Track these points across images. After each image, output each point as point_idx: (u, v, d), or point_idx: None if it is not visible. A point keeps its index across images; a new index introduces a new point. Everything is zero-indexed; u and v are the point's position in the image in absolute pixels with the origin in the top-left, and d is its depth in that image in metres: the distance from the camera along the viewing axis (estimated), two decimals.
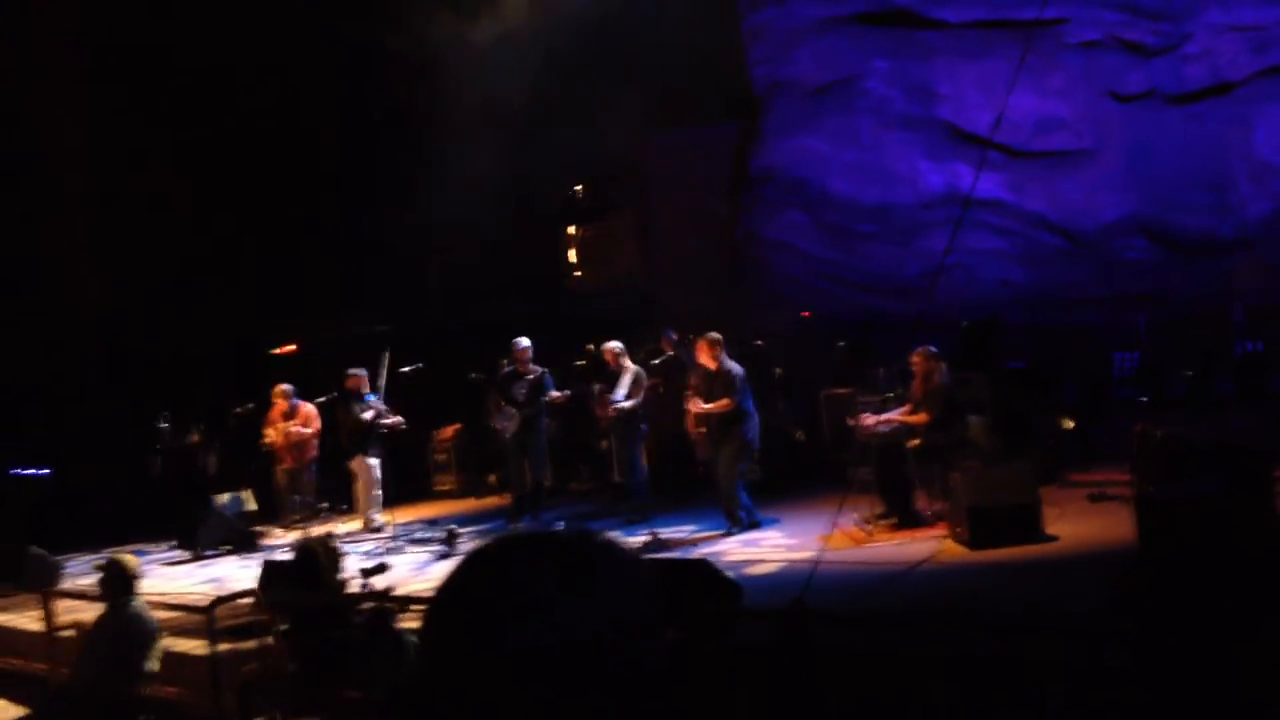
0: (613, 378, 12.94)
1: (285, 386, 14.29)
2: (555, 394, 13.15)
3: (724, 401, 11.22)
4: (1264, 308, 14.51)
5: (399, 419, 13.51)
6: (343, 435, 13.92)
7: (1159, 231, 16.38)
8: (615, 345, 13.02)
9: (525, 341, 13.51)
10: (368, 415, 13.51)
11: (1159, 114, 16.46)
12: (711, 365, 11.37)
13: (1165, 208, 16.30)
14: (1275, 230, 15.71)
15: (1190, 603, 6.48)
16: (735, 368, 11.41)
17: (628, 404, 12.63)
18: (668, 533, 11.57)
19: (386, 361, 13.24)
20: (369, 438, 13.65)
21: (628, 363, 12.94)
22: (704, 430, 11.56)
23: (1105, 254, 16.51)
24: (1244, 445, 8.15)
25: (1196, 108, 16.32)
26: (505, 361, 13.73)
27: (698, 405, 11.36)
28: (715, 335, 11.54)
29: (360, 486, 13.96)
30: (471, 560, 1.41)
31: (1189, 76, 16.47)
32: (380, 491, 13.87)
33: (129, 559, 7.92)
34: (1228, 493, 7.23)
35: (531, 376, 13.22)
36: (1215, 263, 15.82)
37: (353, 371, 13.88)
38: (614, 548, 1.43)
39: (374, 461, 13.77)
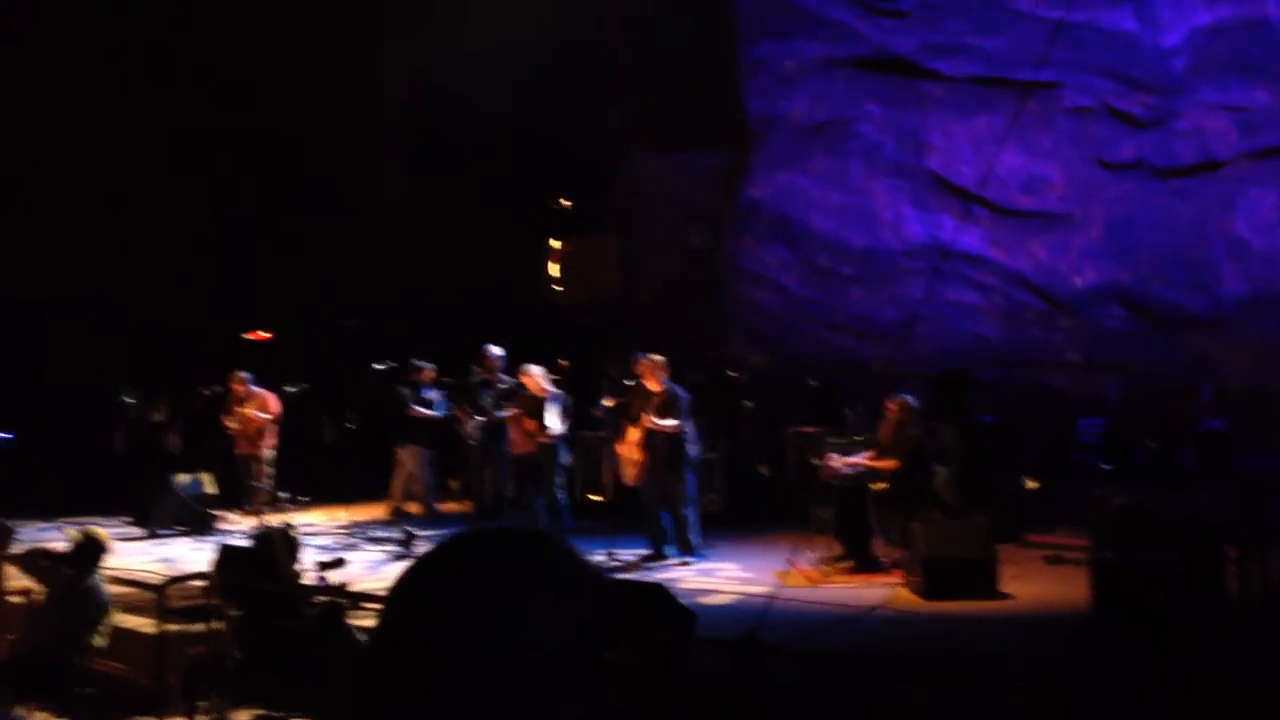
0: (534, 403, 12.64)
1: (243, 374, 14.31)
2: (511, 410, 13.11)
3: (673, 423, 11.21)
4: (1232, 387, 14.69)
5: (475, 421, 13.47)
6: (394, 422, 14.24)
7: (1136, 302, 16.55)
8: (535, 370, 12.65)
9: (497, 351, 13.51)
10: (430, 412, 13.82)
11: (1145, 185, 16.65)
12: (656, 387, 11.37)
13: (1144, 279, 16.46)
14: (1249, 311, 15.89)
15: (1138, 666, 6.56)
16: (680, 391, 11.42)
17: (560, 429, 12.55)
18: (624, 554, 11.58)
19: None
20: (425, 429, 13.91)
21: (550, 387, 12.79)
22: (642, 454, 11.44)
23: (1081, 319, 16.66)
24: (1201, 520, 8.26)
25: (1182, 183, 16.51)
26: (476, 369, 13.71)
27: (650, 421, 11.25)
28: (658, 357, 11.53)
29: (405, 475, 14.14)
30: (434, 555, 1.41)
31: (1177, 151, 16.66)
32: (431, 481, 14.24)
33: (101, 532, 7.88)
34: (1183, 564, 7.32)
35: (502, 386, 13.21)
36: (1188, 338, 15.99)
37: (419, 364, 14.18)
38: (573, 552, 1.44)
39: (427, 453, 14.08)
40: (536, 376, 12.63)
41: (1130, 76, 16.69)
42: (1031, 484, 12.31)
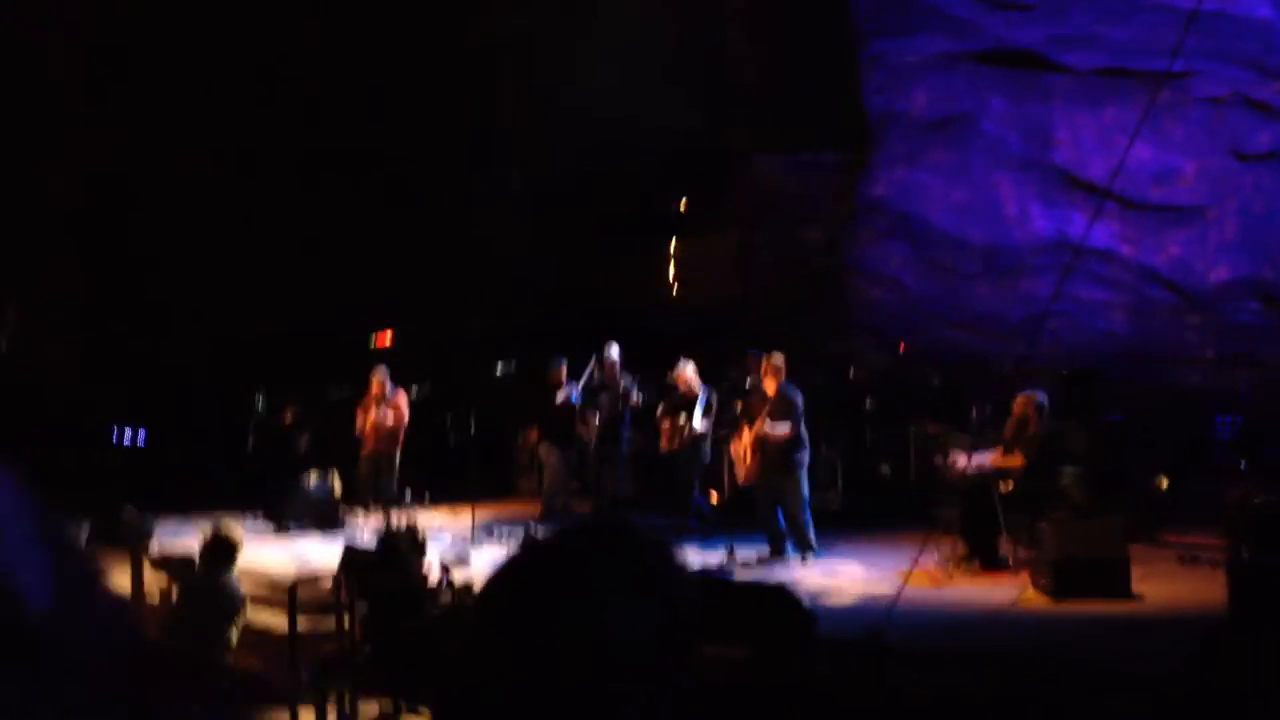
0: (683, 401, 12.76)
1: (382, 371, 14.51)
2: (635, 402, 13.20)
3: (785, 428, 11.13)
4: None
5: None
6: (539, 421, 14.38)
7: (1273, 295, 16.03)
8: (688, 369, 12.79)
9: (615, 351, 13.55)
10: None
11: None
12: (770, 390, 11.29)
13: (1279, 271, 15.96)
14: None
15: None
16: (795, 394, 11.33)
17: (703, 428, 12.56)
18: (743, 554, 11.56)
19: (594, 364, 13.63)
20: (565, 429, 13.95)
21: (700, 387, 12.79)
22: (755, 455, 11.38)
23: (1215, 314, 16.19)
24: None
25: None
26: (594, 371, 13.82)
27: (762, 428, 11.17)
28: (779, 357, 11.44)
29: (548, 474, 14.22)
30: (535, 549, 1.44)
31: None
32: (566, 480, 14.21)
33: (236, 530, 8.08)
34: None
35: (620, 388, 13.30)
36: None
37: (556, 363, 14.26)
38: (672, 554, 1.45)
39: (560, 451, 14.07)
40: (689, 374, 12.69)
41: (1266, 65, 16.17)
42: (1164, 482, 12.00)
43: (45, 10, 18.72)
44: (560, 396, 14.08)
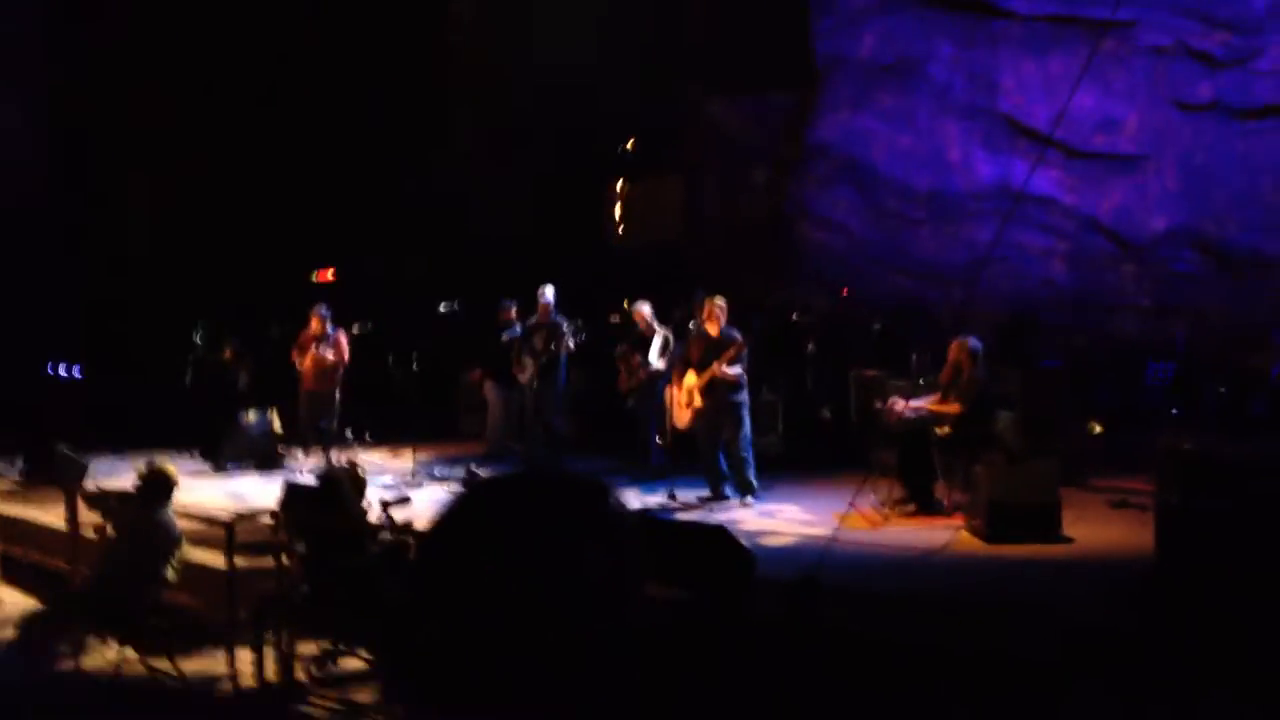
0: (640, 340, 12.88)
1: (322, 309, 14.25)
2: (568, 343, 13.29)
3: (737, 370, 11.17)
4: None
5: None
6: (484, 361, 14.61)
7: (1211, 246, 16.22)
8: (645, 308, 12.91)
9: (549, 293, 13.60)
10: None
11: (1222, 126, 16.26)
12: (713, 331, 11.33)
13: (1219, 223, 16.14)
14: None
15: (1204, 615, 6.50)
16: (737, 335, 11.37)
17: (660, 365, 12.61)
18: (684, 496, 11.63)
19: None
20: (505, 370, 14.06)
21: (658, 326, 12.90)
22: (704, 397, 11.42)
23: (1153, 263, 16.38)
24: (1271, 467, 8.12)
25: (1260, 124, 16.11)
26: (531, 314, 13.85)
27: (720, 369, 11.18)
28: (720, 300, 11.47)
29: (490, 413, 14.45)
30: (479, 492, 1.44)
31: (1256, 92, 16.24)
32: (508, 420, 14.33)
33: (170, 467, 8.02)
34: (1251, 510, 7.21)
35: (556, 329, 13.37)
36: (1263, 283, 15.66)
37: (506, 303, 14.38)
38: (612, 497, 1.46)
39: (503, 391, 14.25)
40: (646, 313, 12.75)
41: (1210, 15, 16.28)
42: (1097, 428, 12.18)
43: None
44: (505, 337, 14.10)
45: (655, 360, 12.60)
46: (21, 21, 18.99)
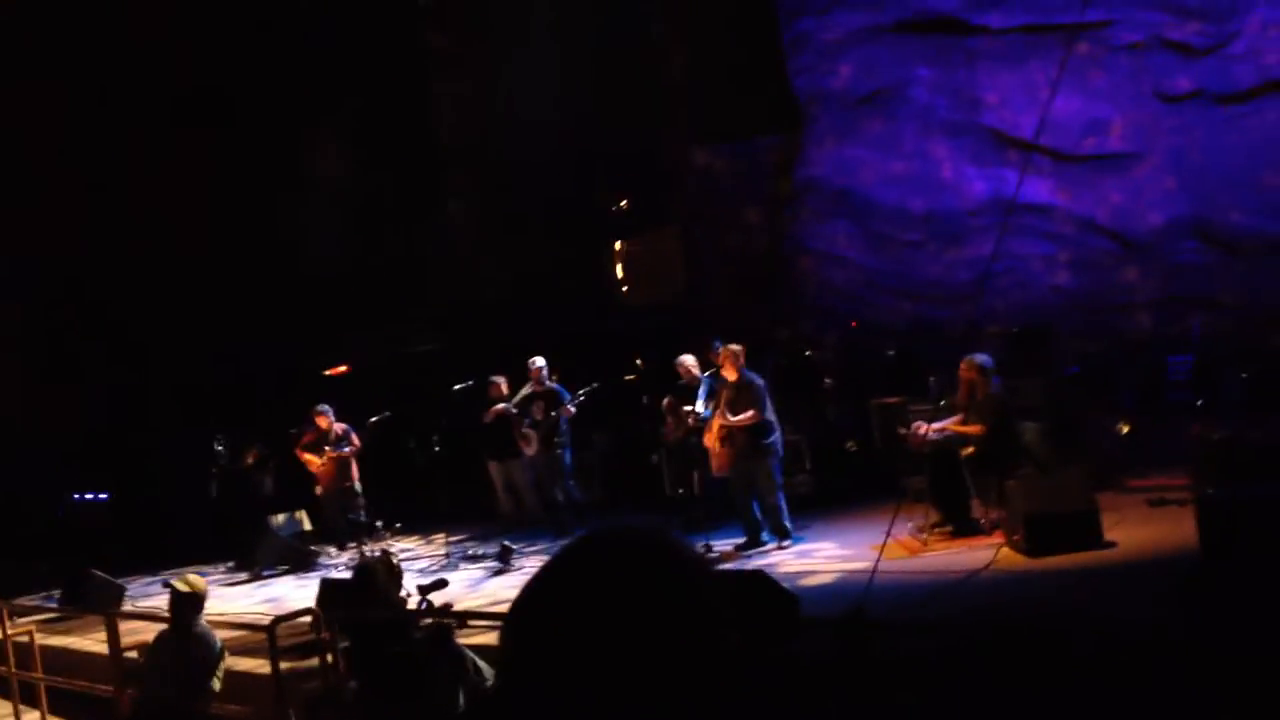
0: (685, 389, 12.89)
1: (324, 408, 14.35)
2: (569, 408, 13.30)
3: (749, 414, 11.21)
4: None
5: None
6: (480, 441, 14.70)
7: (1211, 233, 16.19)
8: (689, 358, 12.99)
9: (539, 361, 13.70)
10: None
11: (1207, 114, 16.27)
12: (731, 377, 11.37)
13: (1216, 208, 16.11)
14: None
15: (1255, 607, 6.42)
16: (756, 379, 11.41)
17: (705, 413, 12.62)
18: (720, 545, 11.58)
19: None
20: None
21: (699, 374, 12.92)
22: (724, 446, 11.44)
23: (1157, 257, 16.34)
24: None
25: (1244, 107, 16.12)
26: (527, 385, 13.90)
27: (725, 418, 11.31)
28: (735, 347, 11.52)
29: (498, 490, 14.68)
30: (562, 560, 1.44)
31: (1236, 76, 16.27)
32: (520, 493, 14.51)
33: (197, 580, 8.02)
34: None
35: (544, 392, 13.45)
36: (1268, 263, 15.61)
37: (493, 379, 14.38)
38: (687, 546, 1.46)
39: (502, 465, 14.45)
40: (689, 363, 12.84)
41: (1181, 6, 16.35)
42: (1125, 428, 12.11)
43: None
44: (490, 413, 14.06)
45: (701, 408, 12.62)
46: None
